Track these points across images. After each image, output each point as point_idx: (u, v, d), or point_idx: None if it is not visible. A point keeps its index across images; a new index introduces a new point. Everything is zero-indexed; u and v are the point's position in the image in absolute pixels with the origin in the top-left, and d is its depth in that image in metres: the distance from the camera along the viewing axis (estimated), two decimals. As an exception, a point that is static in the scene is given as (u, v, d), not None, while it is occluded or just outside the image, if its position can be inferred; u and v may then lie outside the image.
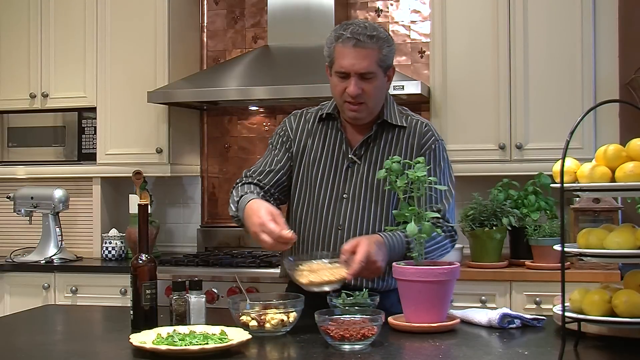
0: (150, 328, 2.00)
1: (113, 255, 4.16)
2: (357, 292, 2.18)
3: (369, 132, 2.41)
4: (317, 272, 2.12)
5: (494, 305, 3.36)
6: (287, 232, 2.12)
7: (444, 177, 2.40)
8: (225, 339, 1.87)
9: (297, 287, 2.37)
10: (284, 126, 2.52)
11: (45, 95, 4.34)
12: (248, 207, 2.23)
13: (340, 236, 2.38)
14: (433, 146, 2.40)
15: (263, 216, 2.15)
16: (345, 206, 2.39)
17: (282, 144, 2.49)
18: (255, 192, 2.36)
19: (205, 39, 4.59)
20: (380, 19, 4.28)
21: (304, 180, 2.45)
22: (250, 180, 2.44)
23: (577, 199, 3.43)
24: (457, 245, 3.62)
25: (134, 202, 4.11)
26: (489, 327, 2.09)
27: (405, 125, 2.42)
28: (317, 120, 2.48)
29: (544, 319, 2.14)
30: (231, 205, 2.39)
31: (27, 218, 4.25)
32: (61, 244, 4.20)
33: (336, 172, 2.42)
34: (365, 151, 2.41)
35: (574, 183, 1.86)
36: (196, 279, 2.17)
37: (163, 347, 1.81)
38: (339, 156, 2.43)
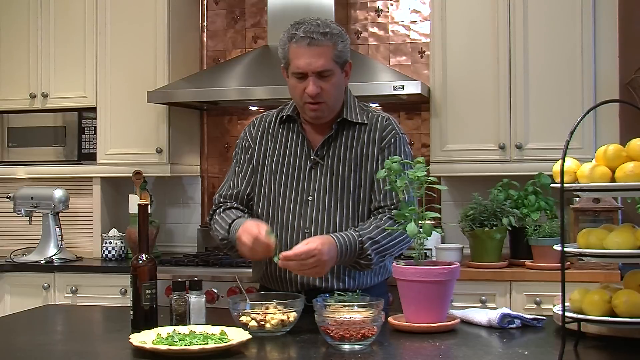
0: (150, 328, 2.00)
1: (113, 255, 4.16)
2: (349, 294, 2.17)
3: (329, 132, 2.40)
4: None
5: (494, 305, 3.36)
6: (266, 237, 2.13)
7: None
8: (225, 339, 1.88)
9: (269, 288, 2.38)
10: (244, 136, 2.50)
11: (45, 95, 4.34)
12: (241, 228, 2.23)
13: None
14: (393, 140, 2.40)
15: (248, 226, 2.19)
16: (311, 208, 2.37)
17: (245, 158, 2.47)
18: (243, 216, 2.37)
19: (205, 39, 4.59)
20: (380, 19, 4.28)
21: (267, 185, 2.42)
22: (230, 205, 2.43)
23: (577, 199, 3.43)
24: (457, 245, 3.67)
25: (134, 202, 4.11)
26: (489, 327, 2.09)
27: (366, 122, 2.41)
28: (277, 123, 2.46)
29: (544, 319, 2.14)
30: (218, 229, 2.38)
31: (27, 218, 4.25)
32: (61, 244, 4.19)
33: (299, 174, 2.40)
34: (327, 151, 2.40)
35: (574, 183, 1.86)
36: (196, 279, 2.18)
37: (163, 347, 1.81)
38: (301, 158, 2.41)
